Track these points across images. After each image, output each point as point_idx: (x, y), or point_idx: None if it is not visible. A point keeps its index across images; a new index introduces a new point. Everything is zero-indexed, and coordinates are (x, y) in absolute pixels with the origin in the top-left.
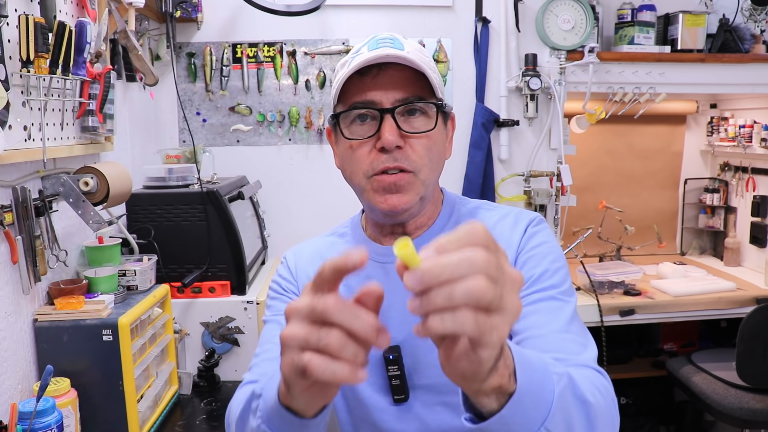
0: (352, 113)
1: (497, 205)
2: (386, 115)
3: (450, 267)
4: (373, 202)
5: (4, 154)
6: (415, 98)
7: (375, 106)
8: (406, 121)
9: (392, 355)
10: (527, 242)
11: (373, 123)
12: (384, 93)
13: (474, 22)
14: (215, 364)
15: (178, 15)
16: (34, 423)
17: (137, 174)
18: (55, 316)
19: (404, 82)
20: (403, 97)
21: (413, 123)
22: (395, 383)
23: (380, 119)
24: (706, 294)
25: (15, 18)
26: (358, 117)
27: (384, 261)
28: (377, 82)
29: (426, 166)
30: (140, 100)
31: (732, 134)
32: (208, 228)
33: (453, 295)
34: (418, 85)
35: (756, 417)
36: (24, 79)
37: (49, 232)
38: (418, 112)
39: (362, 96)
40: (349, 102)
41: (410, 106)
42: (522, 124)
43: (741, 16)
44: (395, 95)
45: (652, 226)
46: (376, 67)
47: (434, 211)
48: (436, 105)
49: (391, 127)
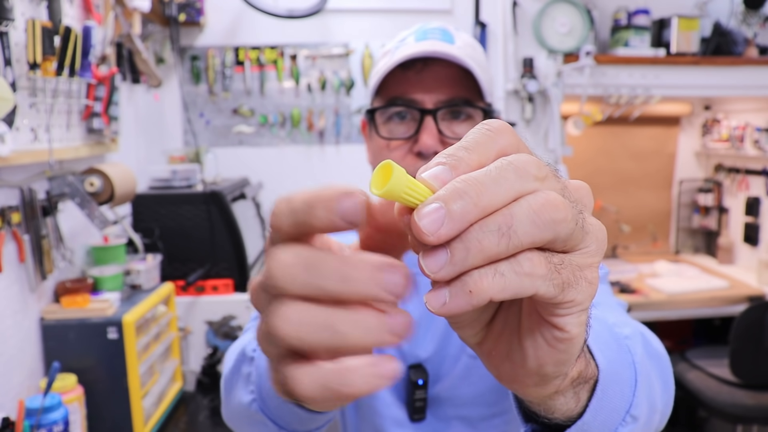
0: (390, 110)
1: None
2: (427, 117)
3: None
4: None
5: (12, 156)
6: (460, 100)
7: (416, 105)
8: (448, 125)
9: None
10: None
11: (412, 123)
12: (427, 92)
13: (472, 25)
14: (218, 362)
15: (182, 19)
16: (41, 418)
17: (142, 175)
18: (61, 314)
19: (450, 82)
20: (448, 99)
21: (456, 128)
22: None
23: (420, 120)
24: (700, 292)
25: (22, 22)
26: (396, 114)
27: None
28: (421, 79)
29: None
30: (145, 102)
31: (725, 136)
32: (212, 228)
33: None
34: (466, 86)
35: (748, 413)
36: (31, 81)
37: (55, 232)
38: (463, 116)
39: (403, 92)
40: (388, 97)
41: (454, 108)
42: (519, 126)
43: (734, 20)
44: (439, 95)
45: (647, 226)
46: (421, 61)
47: None
48: (484, 110)
49: (431, 130)
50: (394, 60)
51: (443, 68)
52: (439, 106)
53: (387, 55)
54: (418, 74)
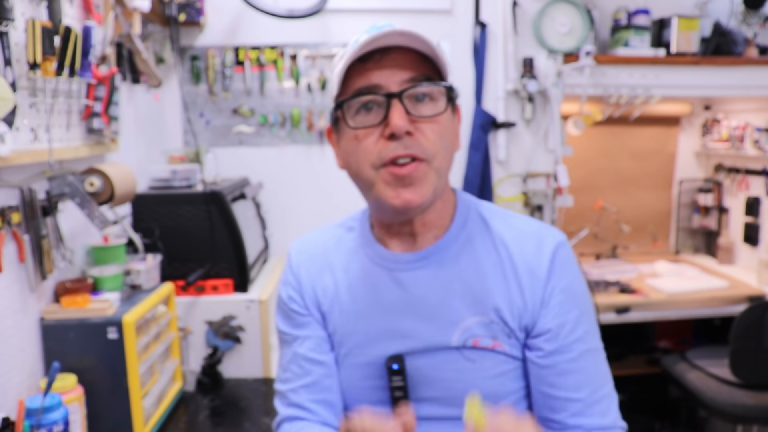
0: (356, 101)
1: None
2: (393, 100)
3: None
4: (384, 197)
5: (12, 156)
6: (423, 77)
7: (380, 90)
8: (414, 106)
9: (396, 364)
10: (558, 279)
11: (379, 110)
12: (390, 75)
13: (472, 25)
14: (218, 362)
15: (182, 19)
16: (41, 419)
17: (142, 175)
18: (61, 314)
19: (410, 63)
20: (411, 77)
21: (421, 109)
22: (398, 395)
23: (387, 105)
24: (700, 292)
25: (22, 22)
26: (363, 106)
27: (392, 268)
28: (381, 65)
29: (440, 153)
30: (145, 102)
31: (725, 136)
32: (212, 228)
33: None
34: (426, 66)
35: (748, 413)
36: (31, 81)
37: (55, 232)
38: (427, 98)
39: (366, 81)
40: (352, 89)
41: (419, 88)
42: (519, 126)
43: (734, 20)
44: (402, 76)
45: (647, 226)
46: (378, 52)
47: (443, 210)
48: (446, 87)
49: (399, 111)
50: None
51: (401, 54)
52: (404, 87)
53: (343, 59)
54: (378, 63)
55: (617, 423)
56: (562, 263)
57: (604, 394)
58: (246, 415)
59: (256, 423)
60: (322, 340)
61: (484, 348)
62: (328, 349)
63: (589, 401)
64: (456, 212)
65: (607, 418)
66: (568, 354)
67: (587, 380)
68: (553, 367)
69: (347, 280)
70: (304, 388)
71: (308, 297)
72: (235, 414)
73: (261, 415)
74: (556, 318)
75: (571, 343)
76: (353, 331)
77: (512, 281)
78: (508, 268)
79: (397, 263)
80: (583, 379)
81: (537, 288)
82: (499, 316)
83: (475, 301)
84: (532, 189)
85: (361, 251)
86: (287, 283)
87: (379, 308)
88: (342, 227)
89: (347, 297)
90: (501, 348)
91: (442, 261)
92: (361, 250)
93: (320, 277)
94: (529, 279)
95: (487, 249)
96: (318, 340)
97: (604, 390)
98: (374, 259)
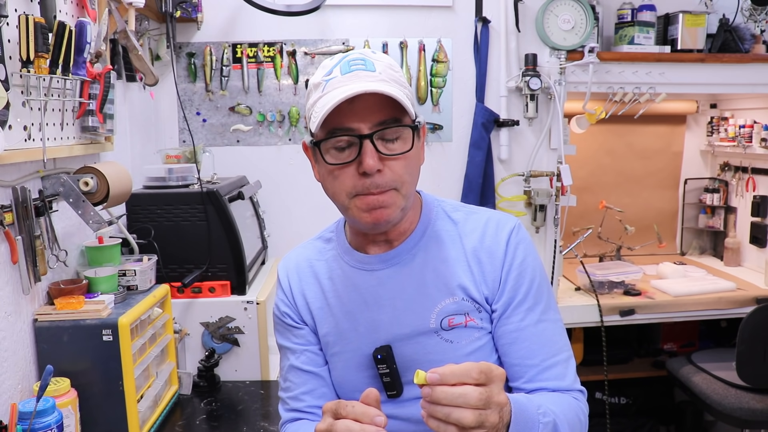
0: (332, 141)
1: (473, 210)
2: (365, 141)
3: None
4: (359, 218)
5: (4, 154)
6: (391, 120)
7: (353, 132)
8: (384, 145)
9: (380, 354)
10: (513, 257)
11: (352, 149)
12: (361, 119)
13: (474, 22)
14: (215, 364)
15: (178, 15)
16: (34, 423)
17: (137, 174)
18: (55, 316)
19: (379, 107)
20: (380, 121)
21: (391, 146)
22: (386, 380)
23: (360, 145)
24: (706, 294)
25: (15, 18)
26: (337, 145)
27: (371, 269)
28: (354, 108)
29: (407, 182)
30: (140, 100)
31: (732, 134)
32: (208, 228)
33: (448, 415)
34: (393, 106)
35: (756, 417)
36: (24, 79)
37: (49, 232)
38: (396, 138)
39: (340, 122)
40: (328, 128)
41: (387, 131)
42: (522, 124)
43: (741, 16)
44: (372, 119)
45: (652, 226)
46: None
47: (413, 215)
48: (411, 128)
49: (371, 152)
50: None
51: (371, 96)
52: (374, 130)
53: (318, 88)
54: (351, 104)
55: (574, 386)
56: (516, 244)
57: (558, 360)
58: (243, 418)
59: (254, 427)
60: (315, 355)
61: (458, 325)
62: (322, 363)
63: (543, 366)
64: (421, 212)
65: (564, 381)
66: (519, 323)
67: (540, 348)
68: (505, 336)
69: (332, 286)
70: (302, 395)
71: (301, 308)
72: (233, 418)
73: (258, 419)
74: (510, 292)
75: (521, 313)
76: (344, 329)
77: (474, 264)
78: (470, 253)
79: (374, 264)
80: (536, 346)
81: (496, 266)
82: (467, 294)
83: (446, 285)
84: (535, 188)
85: (341, 259)
86: (280, 299)
87: (364, 305)
88: (321, 239)
89: (335, 300)
90: (473, 322)
91: (414, 255)
92: (341, 258)
93: (308, 287)
94: (489, 259)
95: (452, 239)
96: (312, 355)
97: (560, 357)
98: (353, 264)
